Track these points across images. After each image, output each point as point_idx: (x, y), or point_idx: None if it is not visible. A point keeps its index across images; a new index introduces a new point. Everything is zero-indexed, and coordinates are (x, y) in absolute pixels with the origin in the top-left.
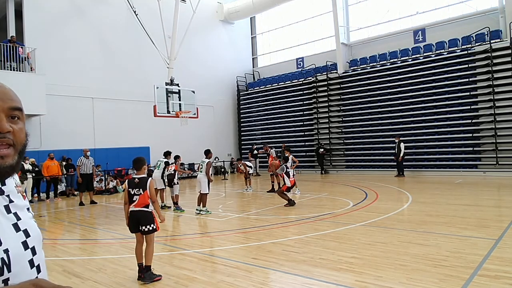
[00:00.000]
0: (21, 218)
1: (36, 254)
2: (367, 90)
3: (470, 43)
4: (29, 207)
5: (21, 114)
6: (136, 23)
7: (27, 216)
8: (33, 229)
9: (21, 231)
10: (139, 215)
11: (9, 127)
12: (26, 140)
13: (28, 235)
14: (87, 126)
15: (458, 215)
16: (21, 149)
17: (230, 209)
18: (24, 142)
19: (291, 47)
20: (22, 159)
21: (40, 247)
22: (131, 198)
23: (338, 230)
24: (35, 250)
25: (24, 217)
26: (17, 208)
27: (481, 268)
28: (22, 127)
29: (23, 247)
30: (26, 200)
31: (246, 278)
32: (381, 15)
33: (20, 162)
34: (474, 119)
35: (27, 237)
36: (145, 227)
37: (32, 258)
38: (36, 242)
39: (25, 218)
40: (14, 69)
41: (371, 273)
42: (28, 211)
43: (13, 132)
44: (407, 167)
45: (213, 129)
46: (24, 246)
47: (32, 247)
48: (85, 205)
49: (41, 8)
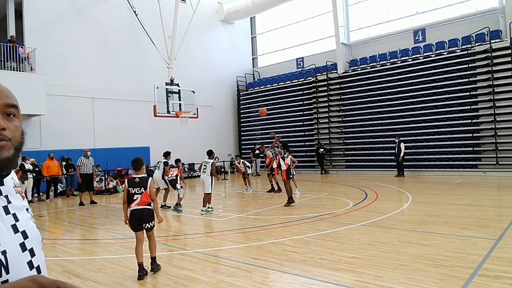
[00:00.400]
0: (19, 219)
1: (35, 255)
2: (367, 90)
3: (470, 43)
4: (28, 208)
5: (17, 111)
6: (136, 23)
7: (26, 217)
8: (32, 230)
9: (20, 232)
10: (142, 213)
11: (3, 124)
12: (22, 138)
13: (26, 237)
14: (87, 126)
15: (458, 215)
16: (18, 146)
17: (230, 209)
18: (20, 140)
19: (291, 47)
20: (18, 155)
21: (39, 248)
22: (131, 197)
23: (338, 230)
24: (33, 251)
25: (23, 218)
26: (15, 209)
27: (481, 268)
28: (17, 124)
29: (21, 248)
30: (25, 201)
31: (246, 278)
32: (381, 15)
33: (17, 157)
34: (474, 119)
35: (25, 238)
36: (148, 224)
37: (31, 259)
38: (35, 243)
39: (24, 219)
40: (14, 69)
41: (371, 273)
42: (27, 212)
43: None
44: (407, 167)
45: (213, 129)
46: (22, 248)
47: (30, 249)
48: (85, 205)
49: (41, 8)
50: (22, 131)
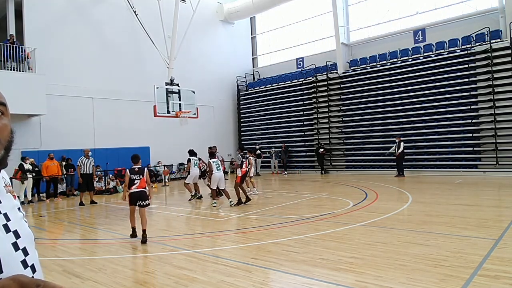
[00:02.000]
0: (11, 219)
1: (29, 254)
2: (367, 90)
3: (470, 43)
4: (20, 207)
5: (5, 109)
6: (136, 23)
7: (18, 217)
8: (24, 229)
9: (11, 232)
10: (140, 193)
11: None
12: (11, 137)
13: (18, 236)
14: (87, 126)
15: (458, 215)
16: (7, 145)
17: (230, 209)
18: (9, 139)
19: (291, 47)
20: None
21: (32, 247)
22: (132, 182)
23: (338, 230)
24: (26, 250)
25: (15, 217)
26: (7, 208)
27: (481, 268)
28: (6, 123)
29: (13, 248)
30: (16, 200)
31: (246, 278)
32: (381, 15)
33: (7, 157)
34: (474, 119)
35: (17, 238)
36: (143, 202)
37: (24, 258)
38: (28, 242)
39: (16, 219)
40: (14, 69)
41: (371, 273)
42: (19, 211)
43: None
44: (407, 167)
45: (213, 129)
46: (15, 247)
47: (23, 248)
48: (85, 205)
49: (41, 8)
50: (11, 130)
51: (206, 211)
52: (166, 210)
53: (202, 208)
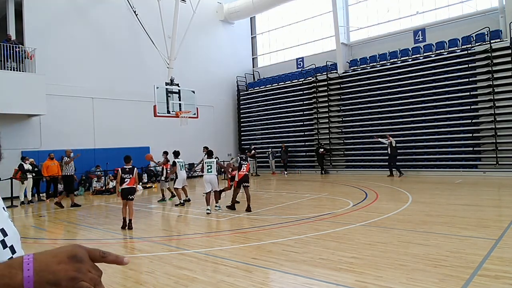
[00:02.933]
0: None
1: (16, 252)
2: (367, 90)
3: (470, 43)
4: (4, 207)
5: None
6: (136, 23)
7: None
8: (11, 228)
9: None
10: (130, 190)
11: None
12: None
13: (5, 234)
14: (87, 126)
15: (458, 215)
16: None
17: (228, 209)
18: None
19: (291, 47)
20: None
21: (19, 246)
22: (123, 180)
23: (338, 230)
24: (14, 248)
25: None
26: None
27: (481, 268)
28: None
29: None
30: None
31: (246, 278)
32: (381, 15)
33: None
34: (474, 119)
35: (4, 236)
36: (132, 196)
37: (12, 256)
38: (14, 241)
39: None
40: (14, 69)
41: (371, 273)
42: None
43: None
44: (407, 167)
45: (213, 129)
46: (3, 245)
47: (10, 246)
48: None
49: (41, 8)
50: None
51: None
52: (166, 210)
53: (202, 208)
